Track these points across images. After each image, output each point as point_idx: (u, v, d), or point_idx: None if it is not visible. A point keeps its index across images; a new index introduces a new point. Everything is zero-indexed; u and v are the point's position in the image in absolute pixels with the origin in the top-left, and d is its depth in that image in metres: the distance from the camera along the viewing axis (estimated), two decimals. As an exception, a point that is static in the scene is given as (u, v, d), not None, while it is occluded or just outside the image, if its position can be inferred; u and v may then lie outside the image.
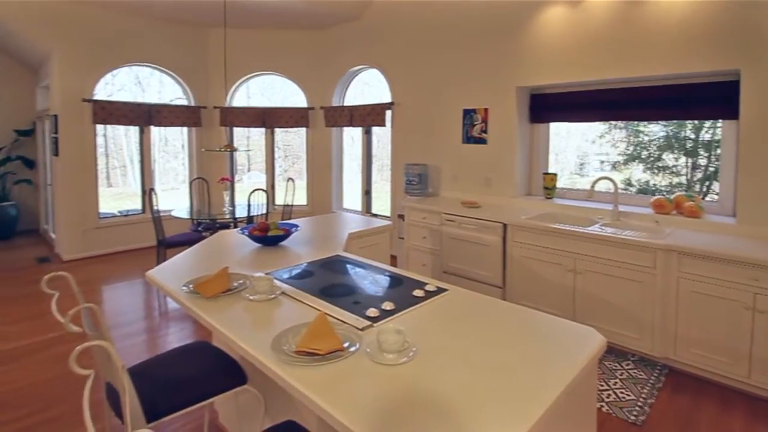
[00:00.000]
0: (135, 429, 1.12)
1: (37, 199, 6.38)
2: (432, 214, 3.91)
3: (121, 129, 8.24)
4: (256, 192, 4.29)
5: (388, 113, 5.12)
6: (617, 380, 2.57)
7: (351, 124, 5.52)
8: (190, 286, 1.71)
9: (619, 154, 3.92)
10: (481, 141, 4.21)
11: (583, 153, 4.25)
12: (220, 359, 1.63)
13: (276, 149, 6.52)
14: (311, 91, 6.05)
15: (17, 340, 3.10)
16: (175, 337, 3.22)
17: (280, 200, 6.11)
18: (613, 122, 3.79)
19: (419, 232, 4.05)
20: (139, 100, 6.26)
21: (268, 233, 2.39)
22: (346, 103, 5.92)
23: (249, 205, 4.21)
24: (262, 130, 6.24)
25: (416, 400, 1.02)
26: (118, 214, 5.71)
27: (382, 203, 5.76)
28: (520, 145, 3.99)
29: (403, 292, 1.69)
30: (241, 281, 1.77)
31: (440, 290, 1.70)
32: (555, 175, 3.84)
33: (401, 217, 4.32)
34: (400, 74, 4.94)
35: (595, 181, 3.22)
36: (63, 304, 1.29)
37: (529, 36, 3.75)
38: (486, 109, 4.15)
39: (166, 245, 4.19)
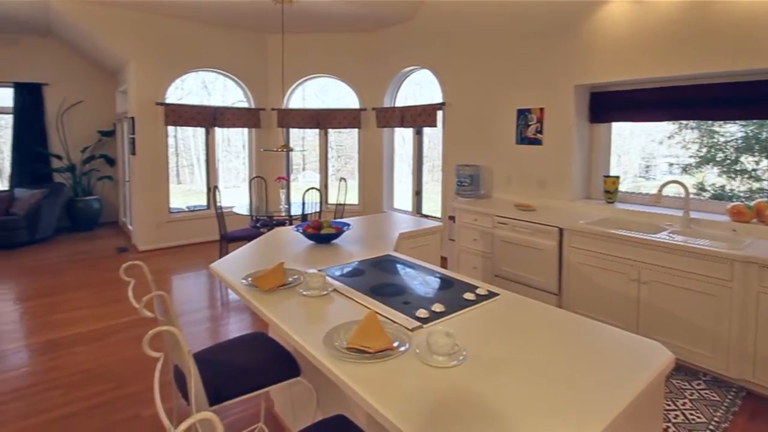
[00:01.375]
0: (199, 411, 1.20)
1: (116, 193, 7.02)
2: (484, 216, 3.84)
3: (189, 130, 8.86)
4: (310, 191, 4.43)
5: (440, 114, 5.08)
6: (686, 400, 2.39)
7: (402, 124, 5.54)
8: (249, 279, 1.81)
9: (690, 156, 3.62)
10: (536, 142, 4.06)
11: (649, 155, 3.97)
12: (276, 350, 1.71)
13: (329, 149, 6.69)
14: (363, 92, 6.15)
15: (101, 322, 3.43)
16: (235, 327, 3.41)
17: (332, 199, 6.28)
18: (684, 122, 3.50)
19: (470, 234, 3.98)
20: (206, 103, 6.70)
21: (321, 231, 2.46)
22: (397, 104, 5.95)
23: (303, 204, 4.37)
24: (317, 130, 6.43)
25: (465, 404, 1.02)
26: (186, 210, 6.15)
27: (432, 204, 5.73)
28: (578, 146, 3.81)
29: (453, 295, 1.68)
30: (295, 276, 1.85)
31: (491, 294, 1.67)
32: (617, 177, 3.62)
33: (452, 218, 4.28)
34: (452, 74, 4.89)
35: (663, 185, 3.00)
36: (138, 290, 1.41)
37: (588, 33, 3.56)
38: (542, 109, 4.00)
39: (228, 240, 4.45)
